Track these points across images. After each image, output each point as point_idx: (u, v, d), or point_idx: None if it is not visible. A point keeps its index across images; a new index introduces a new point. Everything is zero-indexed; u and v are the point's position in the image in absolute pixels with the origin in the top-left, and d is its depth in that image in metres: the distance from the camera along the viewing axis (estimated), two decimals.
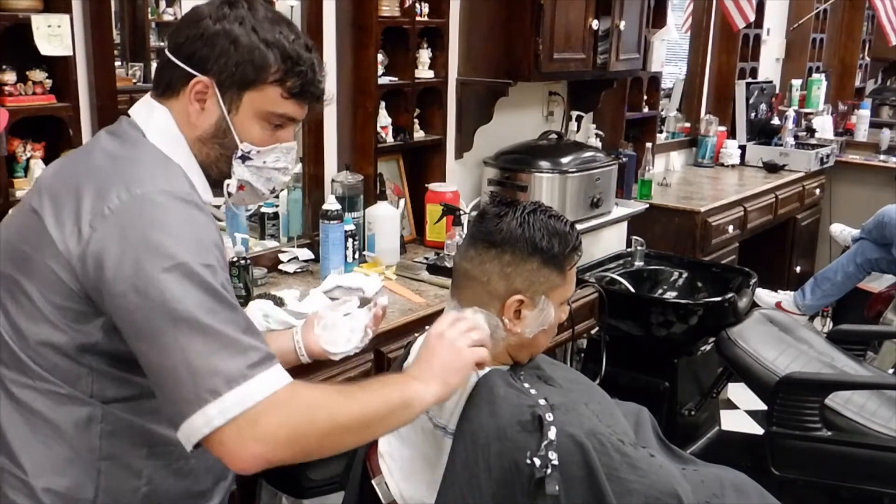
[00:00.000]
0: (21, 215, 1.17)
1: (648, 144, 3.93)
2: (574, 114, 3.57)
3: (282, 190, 1.33)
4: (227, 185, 1.24)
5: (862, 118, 5.43)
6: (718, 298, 2.93)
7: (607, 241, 3.43)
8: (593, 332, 2.79)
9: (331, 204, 2.39)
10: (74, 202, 1.08)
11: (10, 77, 1.82)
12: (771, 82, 5.25)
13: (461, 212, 2.62)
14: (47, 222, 1.09)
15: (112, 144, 1.17)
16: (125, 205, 1.06)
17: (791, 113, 5.07)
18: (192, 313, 1.03)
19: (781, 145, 4.85)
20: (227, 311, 1.06)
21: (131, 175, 1.10)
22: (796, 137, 5.02)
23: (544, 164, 3.08)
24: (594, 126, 3.76)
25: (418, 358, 1.26)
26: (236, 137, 1.20)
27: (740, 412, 3.66)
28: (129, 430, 1.16)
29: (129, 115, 1.23)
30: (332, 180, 2.57)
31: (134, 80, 3.06)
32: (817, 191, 4.86)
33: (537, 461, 1.25)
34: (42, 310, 1.11)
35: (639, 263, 3.43)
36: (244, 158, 1.22)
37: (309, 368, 1.88)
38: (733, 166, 4.74)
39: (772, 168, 4.64)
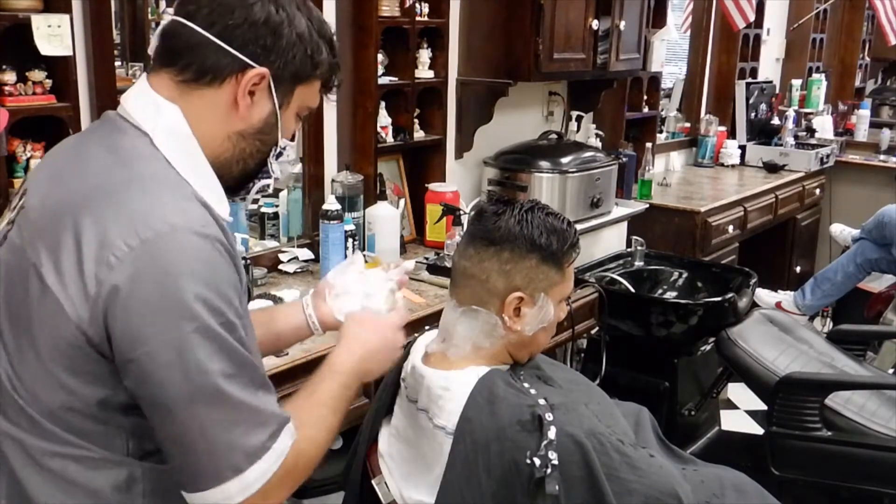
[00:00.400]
0: (14, 269, 1.02)
1: (648, 144, 3.94)
2: (574, 114, 3.57)
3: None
4: (266, 185, 1.17)
5: (862, 118, 5.43)
6: (718, 298, 2.93)
7: (607, 241, 3.43)
8: (593, 332, 2.79)
9: (331, 204, 2.39)
10: (74, 246, 0.95)
11: (10, 77, 1.82)
12: (771, 82, 5.25)
13: (461, 212, 2.62)
14: (47, 278, 0.96)
15: (108, 158, 1.03)
16: (134, 252, 0.93)
17: (791, 113, 5.07)
18: (213, 383, 0.95)
19: (781, 145, 4.85)
20: (246, 373, 0.99)
21: (136, 210, 0.96)
22: (796, 137, 5.02)
23: (544, 164, 3.08)
24: (594, 126, 3.76)
25: (368, 355, 1.25)
26: (280, 133, 1.12)
27: (740, 412, 3.66)
28: (170, 483, 1.03)
29: (121, 111, 1.08)
30: (332, 180, 2.57)
31: (134, 81, 3.06)
32: (817, 191, 4.86)
33: (537, 461, 1.25)
34: (55, 374, 0.98)
35: (639, 263, 3.43)
36: (278, 155, 1.15)
37: (308, 368, 1.88)
38: (733, 166, 4.74)
39: (772, 168, 4.64)
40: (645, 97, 4.00)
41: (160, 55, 1.08)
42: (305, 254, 2.51)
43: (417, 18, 2.72)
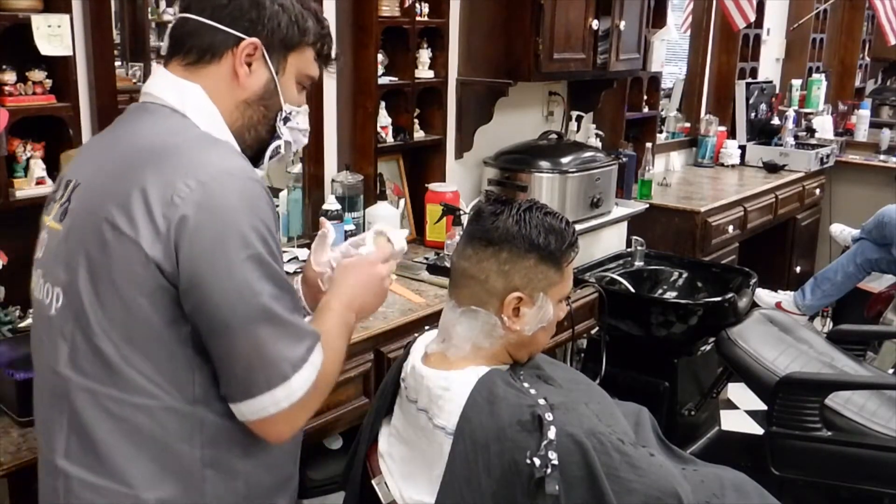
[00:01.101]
0: (85, 228, 1.11)
1: (648, 144, 3.94)
2: (574, 114, 3.58)
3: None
4: (277, 146, 1.27)
5: (862, 118, 5.43)
6: (718, 298, 2.93)
7: (607, 241, 3.43)
8: (593, 332, 2.79)
9: (331, 204, 2.39)
10: (141, 197, 1.06)
11: (10, 77, 1.82)
12: (771, 82, 5.25)
13: (461, 212, 2.62)
14: (121, 227, 1.06)
15: (155, 128, 1.16)
16: (195, 192, 1.05)
17: (791, 113, 5.07)
18: (263, 303, 1.07)
19: (781, 145, 4.85)
20: (287, 296, 1.11)
21: (190, 162, 1.09)
22: (796, 137, 5.02)
23: (544, 164, 3.08)
24: (594, 126, 3.76)
25: (359, 287, 1.31)
26: (282, 98, 1.23)
27: (740, 412, 3.66)
28: (227, 433, 1.15)
29: (145, 98, 1.20)
30: (332, 180, 2.57)
31: (134, 80, 3.05)
32: (817, 191, 4.86)
33: (537, 461, 1.25)
34: (138, 313, 1.08)
35: (639, 263, 3.43)
36: (286, 119, 1.26)
37: None
38: (733, 166, 4.74)
39: (772, 168, 4.64)
40: (645, 97, 4.00)
41: (169, 48, 1.21)
42: (305, 254, 2.50)
43: (417, 18, 2.72)
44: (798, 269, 4.80)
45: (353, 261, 1.35)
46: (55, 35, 1.81)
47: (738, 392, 3.65)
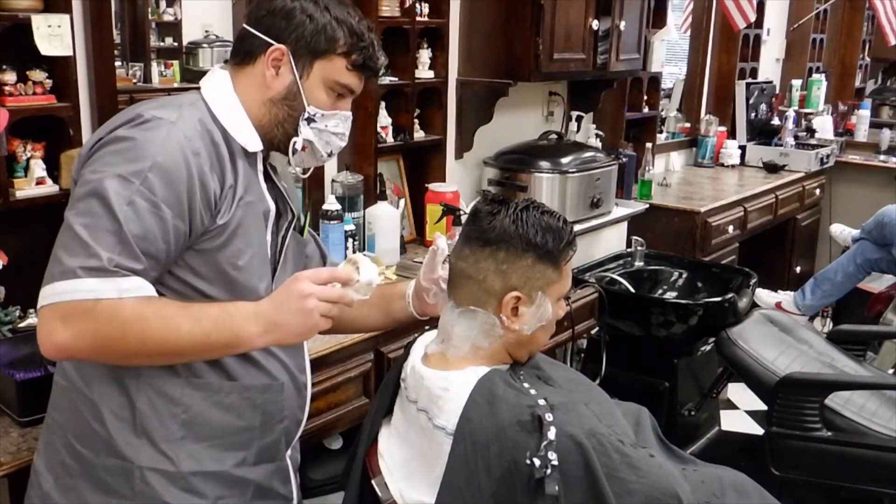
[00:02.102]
0: None
1: (648, 144, 3.94)
2: (574, 114, 3.58)
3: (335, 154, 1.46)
4: (294, 142, 1.36)
5: (862, 118, 5.43)
6: (718, 299, 2.93)
7: (607, 241, 3.43)
8: (593, 332, 2.79)
9: (331, 204, 2.39)
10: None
11: (10, 77, 1.82)
12: (771, 82, 5.25)
13: (461, 212, 2.62)
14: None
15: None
16: (116, 120, 1.24)
17: (791, 113, 5.08)
18: (74, 219, 1.17)
19: (781, 145, 4.85)
20: (104, 222, 1.16)
21: (151, 104, 1.27)
22: (796, 138, 5.03)
23: (544, 164, 3.08)
24: (594, 126, 3.76)
25: (272, 301, 1.26)
26: (304, 100, 1.35)
27: (740, 412, 3.66)
28: None
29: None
30: (333, 180, 2.57)
31: (134, 80, 3.06)
32: (817, 191, 4.86)
33: (537, 461, 1.25)
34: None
35: (639, 263, 3.43)
36: (309, 120, 1.36)
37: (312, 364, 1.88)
38: (733, 166, 4.74)
39: (772, 168, 4.64)
40: (645, 97, 4.00)
41: (231, 54, 1.40)
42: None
43: (417, 18, 2.72)
44: (798, 269, 4.80)
45: (290, 279, 1.29)
46: (55, 35, 1.81)
47: (738, 392, 3.65)
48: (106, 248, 1.16)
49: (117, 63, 2.15)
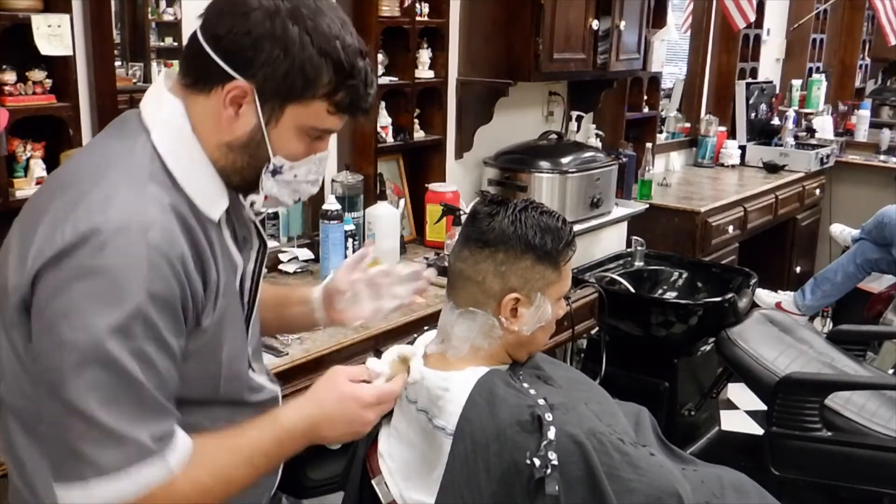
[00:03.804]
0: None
1: (648, 144, 3.94)
2: (574, 114, 3.57)
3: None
4: (252, 202, 1.14)
5: (862, 118, 5.43)
6: (718, 299, 2.93)
7: (607, 241, 3.43)
8: (593, 332, 2.79)
9: (331, 204, 2.39)
10: (33, 230, 1.00)
11: (10, 77, 1.82)
12: (771, 82, 5.25)
13: (461, 212, 2.62)
14: (9, 259, 1.03)
15: (94, 149, 1.10)
16: (67, 247, 0.95)
17: (791, 113, 5.07)
18: (80, 398, 0.95)
19: (781, 145, 4.85)
20: (124, 396, 0.96)
21: (88, 200, 0.98)
22: (796, 138, 5.02)
23: (544, 164, 3.08)
24: (594, 126, 3.76)
25: (325, 415, 1.16)
26: (270, 151, 1.09)
27: (740, 412, 3.66)
28: None
29: (140, 107, 1.12)
30: (332, 180, 2.57)
31: (134, 80, 3.05)
32: (817, 191, 4.86)
33: (537, 461, 1.25)
34: (13, 340, 1.04)
35: (639, 263, 3.43)
36: (274, 172, 1.11)
37: (308, 368, 1.88)
38: (733, 166, 4.74)
39: (772, 168, 4.64)
40: (645, 97, 4.00)
41: (181, 60, 1.12)
42: (305, 254, 2.50)
43: (417, 18, 2.72)
44: (798, 269, 4.80)
45: (346, 388, 1.17)
46: (55, 35, 1.81)
47: (738, 392, 3.65)
48: (137, 424, 0.97)
49: (117, 63, 2.15)
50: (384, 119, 2.72)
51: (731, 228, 3.88)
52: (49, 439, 1.01)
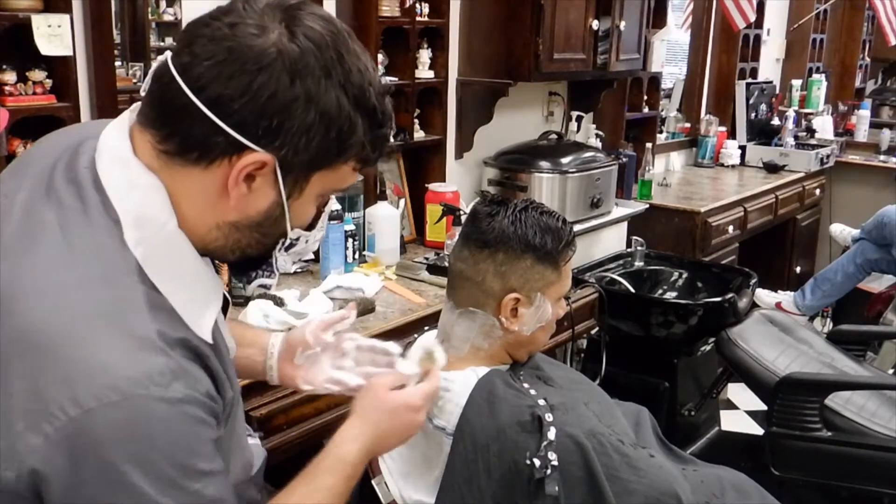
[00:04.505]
0: None
1: (648, 144, 3.93)
2: (574, 114, 3.57)
3: None
4: (265, 283, 0.99)
5: (862, 118, 5.43)
6: (718, 299, 2.93)
7: (607, 241, 3.43)
8: (593, 332, 2.79)
9: (331, 204, 2.38)
10: (4, 392, 0.78)
11: (10, 77, 1.82)
12: (771, 82, 5.25)
13: (461, 212, 2.62)
14: None
15: (59, 259, 0.82)
16: (73, 424, 0.76)
17: (791, 113, 5.07)
18: None
19: (781, 146, 4.85)
20: None
21: (79, 360, 0.78)
22: (796, 138, 5.02)
23: (544, 164, 3.08)
24: (594, 126, 3.76)
25: (377, 431, 1.13)
26: (288, 224, 0.91)
27: (740, 412, 3.66)
28: None
29: (97, 168, 0.86)
30: None
31: (134, 80, 3.05)
32: (817, 191, 4.86)
33: (537, 462, 1.25)
34: None
35: (639, 263, 3.43)
36: (289, 246, 0.95)
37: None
38: (733, 166, 4.74)
39: (772, 168, 4.64)
40: (645, 97, 4.00)
41: (147, 107, 0.86)
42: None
43: (417, 18, 2.72)
44: (798, 269, 4.80)
45: (393, 399, 1.13)
46: (55, 35, 1.81)
47: (738, 392, 3.65)
48: None
49: (117, 63, 2.15)
50: None
51: (731, 228, 3.88)
52: None
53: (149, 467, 0.78)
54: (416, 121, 2.86)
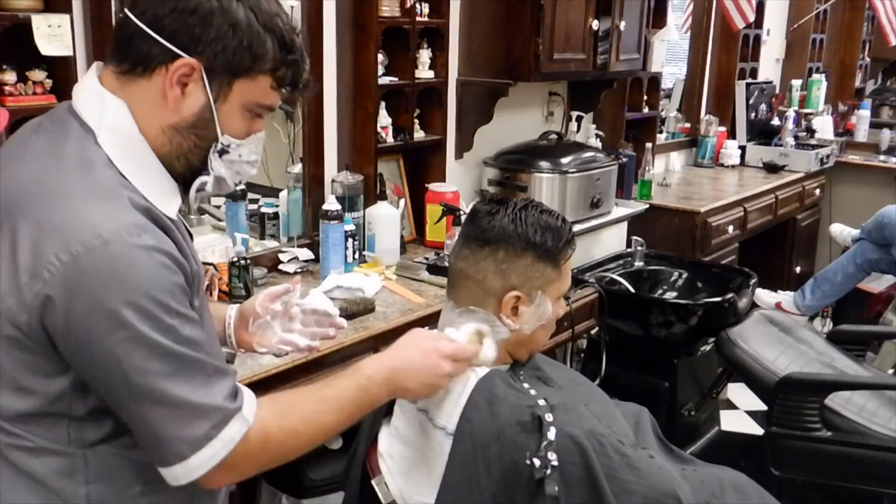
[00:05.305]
0: None
1: (648, 145, 3.94)
2: (574, 114, 3.58)
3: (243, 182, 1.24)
4: (203, 182, 1.13)
5: (862, 118, 5.43)
6: (718, 299, 2.93)
7: (607, 241, 3.43)
8: (593, 332, 2.79)
9: (331, 204, 2.39)
10: (10, 253, 0.97)
11: (10, 77, 1.82)
12: (771, 82, 5.25)
13: (461, 212, 2.62)
14: None
15: (48, 161, 1.03)
16: (66, 266, 0.95)
17: (791, 113, 5.07)
18: (150, 384, 0.99)
19: (781, 146, 4.85)
20: (186, 372, 1.01)
21: (69, 222, 0.97)
22: (796, 138, 5.03)
23: (544, 164, 3.08)
24: (594, 126, 3.76)
25: (406, 366, 1.24)
26: (218, 129, 1.09)
27: (740, 412, 3.66)
28: (116, 470, 1.08)
29: (73, 103, 1.08)
30: (333, 180, 2.57)
31: None
32: (817, 191, 4.86)
33: (537, 462, 1.25)
34: (3, 364, 1.01)
35: (639, 263, 3.43)
36: (222, 152, 1.12)
37: (308, 368, 1.88)
38: (733, 167, 4.74)
39: (772, 168, 4.64)
40: (645, 97, 4.00)
41: (110, 49, 1.09)
42: (305, 254, 2.51)
43: (417, 18, 2.72)
44: (798, 269, 4.80)
45: (430, 339, 1.29)
46: (55, 35, 1.81)
47: (738, 392, 3.65)
48: (209, 392, 1.03)
49: None
50: (384, 119, 2.72)
51: (731, 228, 3.88)
52: (140, 439, 1.05)
53: (129, 299, 0.97)
54: (416, 121, 2.86)
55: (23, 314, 0.97)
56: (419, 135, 2.87)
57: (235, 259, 2.15)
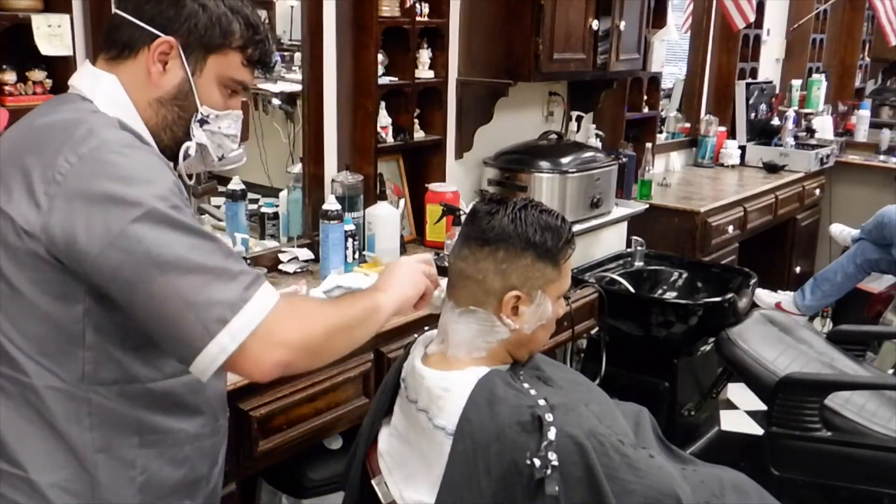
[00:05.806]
0: None
1: (648, 144, 3.94)
2: (574, 114, 3.58)
3: (229, 159, 1.34)
4: (187, 147, 1.25)
5: (862, 118, 5.43)
6: (718, 299, 2.93)
7: (607, 241, 3.43)
8: (593, 332, 2.79)
9: (331, 204, 2.39)
10: (22, 177, 1.07)
11: (10, 77, 1.82)
12: (771, 82, 5.25)
13: (461, 212, 2.62)
14: (1, 204, 1.08)
15: (54, 115, 1.15)
16: (75, 167, 1.05)
17: (791, 113, 5.07)
18: (177, 254, 1.05)
19: (781, 146, 4.85)
20: (207, 244, 1.08)
21: (73, 136, 1.08)
22: (796, 138, 5.03)
23: (544, 164, 3.08)
24: (594, 126, 3.76)
25: (382, 274, 1.40)
26: (197, 100, 1.23)
27: (740, 412, 3.66)
28: (118, 419, 1.15)
29: (70, 90, 1.23)
30: (332, 180, 2.57)
31: None
32: (817, 191, 4.86)
33: (537, 462, 1.25)
34: (21, 289, 1.08)
35: (639, 263, 3.43)
36: (202, 122, 1.25)
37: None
38: (733, 166, 4.74)
39: (772, 168, 4.64)
40: (645, 97, 4.00)
41: (101, 41, 1.24)
42: (305, 254, 2.50)
43: (417, 18, 2.72)
44: (798, 269, 4.80)
45: (411, 257, 1.46)
46: (55, 35, 1.81)
47: (738, 392, 3.65)
48: (235, 261, 1.11)
49: None
50: (384, 119, 2.72)
51: (731, 228, 3.88)
52: (167, 326, 1.06)
53: (139, 185, 1.06)
54: (416, 121, 2.86)
55: (39, 220, 1.05)
56: (419, 135, 2.87)
57: None
